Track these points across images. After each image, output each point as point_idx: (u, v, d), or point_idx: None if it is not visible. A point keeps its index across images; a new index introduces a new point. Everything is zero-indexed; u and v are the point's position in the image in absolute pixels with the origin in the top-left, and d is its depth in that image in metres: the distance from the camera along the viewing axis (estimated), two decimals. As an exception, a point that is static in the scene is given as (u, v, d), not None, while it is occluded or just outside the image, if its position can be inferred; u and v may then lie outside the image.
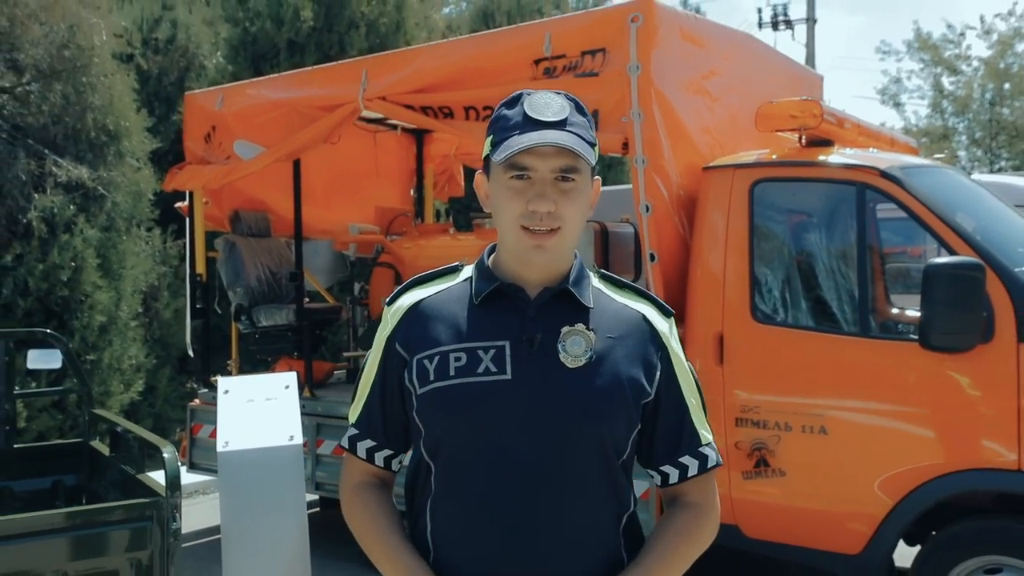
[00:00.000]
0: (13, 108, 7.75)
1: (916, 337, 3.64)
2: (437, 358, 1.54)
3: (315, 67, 6.36)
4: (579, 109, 1.56)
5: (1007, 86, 25.18)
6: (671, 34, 4.44)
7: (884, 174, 3.93)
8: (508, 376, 1.50)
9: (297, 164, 5.88)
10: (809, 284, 4.18)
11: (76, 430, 6.94)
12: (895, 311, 4.40)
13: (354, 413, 1.68)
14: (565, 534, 1.50)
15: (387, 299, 1.66)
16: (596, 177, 1.60)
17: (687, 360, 1.66)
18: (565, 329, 1.53)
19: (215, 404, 6.05)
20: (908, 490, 3.70)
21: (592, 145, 1.54)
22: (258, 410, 3.94)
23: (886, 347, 3.85)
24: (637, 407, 1.55)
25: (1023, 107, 24.79)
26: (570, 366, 1.51)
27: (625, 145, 4.29)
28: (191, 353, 6.40)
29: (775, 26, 23.64)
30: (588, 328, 1.53)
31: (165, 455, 3.10)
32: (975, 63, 25.52)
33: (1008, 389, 3.53)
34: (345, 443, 1.68)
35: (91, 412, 4.21)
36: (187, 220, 6.37)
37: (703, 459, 1.62)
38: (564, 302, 1.56)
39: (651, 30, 4.24)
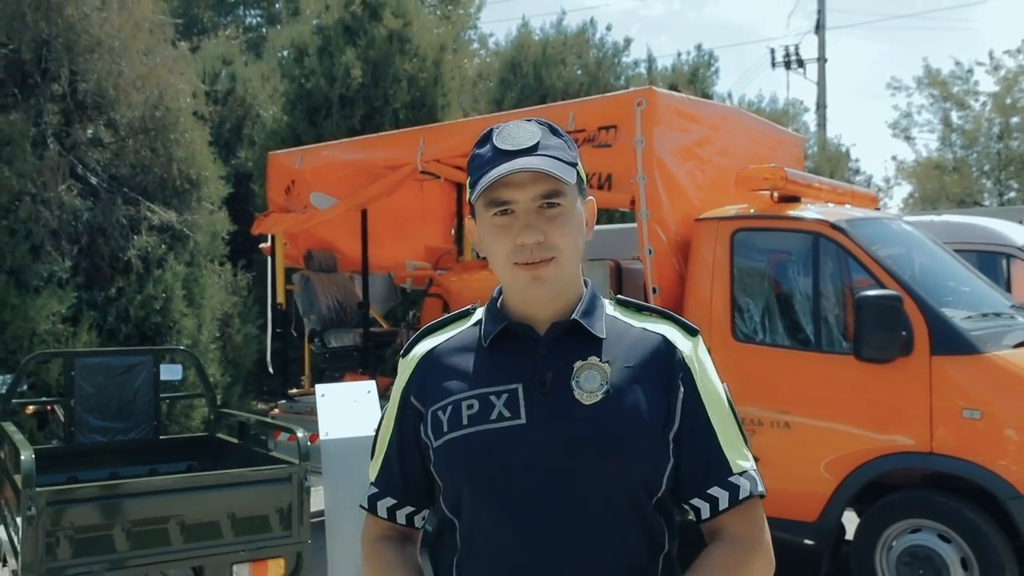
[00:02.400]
0: (110, 161, 9.05)
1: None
2: (450, 408, 1.47)
3: (380, 134, 7.61)
4: (553, 131, 1.47)
5: (1015, 119, 26.13)
6: (669, 113, 5.60)
7: (833, 226, 5.06)
8: (523, 420, 1.42)
9: (364, 212, 7.09)
10: (776, 311, 5.31)
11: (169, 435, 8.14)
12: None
13: (373, 470, 1.62)
14: None
15: (402, 351, 1.62)
16: (589, 198, 1.53)
17: (721, 381, 1.53)
18: (577, 364, 1.44)
19: (292, 412, 7.30)
20: (849, 470, 4.80)
21: (572, 165, 1.46)
22: (348, 409, 5.09)
23: (832, 360, 4.95)
24: (665, 439, 1.45)
25: (1030, 139, 25.70)
26: (586, 403, 1.42)
27: (632, 202, 5.45)
28: (271, 370, 7.58)
29: (787, 65, 24.72)
30: (602, 360, 1.45)
31: (299, 435, 4.25)
32: (982, 98, 26.51)
33: (923, 391, 4.61)
34: (364, 503, 1.61)
35: (218, 411, 5.39)
36: (269, 259, 7.57)
37: (734, 489, 1.47)
38: (575, 336, 1.48)
39: (652, 111, 5.40)
